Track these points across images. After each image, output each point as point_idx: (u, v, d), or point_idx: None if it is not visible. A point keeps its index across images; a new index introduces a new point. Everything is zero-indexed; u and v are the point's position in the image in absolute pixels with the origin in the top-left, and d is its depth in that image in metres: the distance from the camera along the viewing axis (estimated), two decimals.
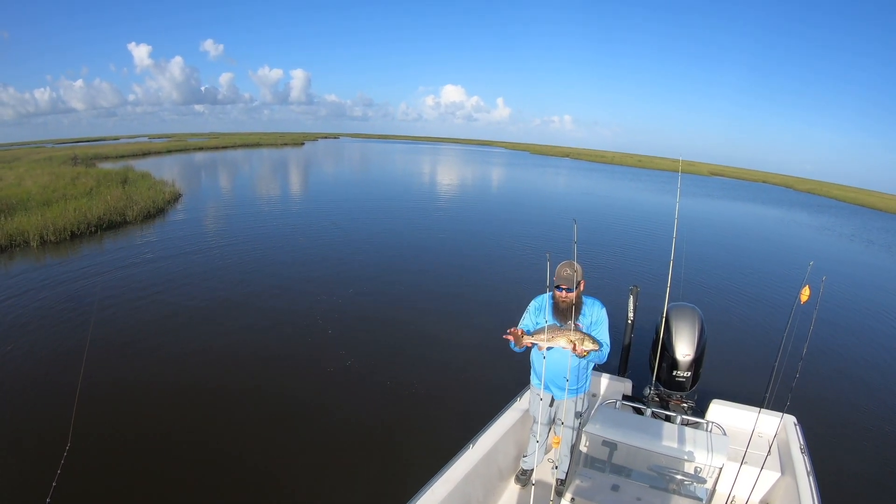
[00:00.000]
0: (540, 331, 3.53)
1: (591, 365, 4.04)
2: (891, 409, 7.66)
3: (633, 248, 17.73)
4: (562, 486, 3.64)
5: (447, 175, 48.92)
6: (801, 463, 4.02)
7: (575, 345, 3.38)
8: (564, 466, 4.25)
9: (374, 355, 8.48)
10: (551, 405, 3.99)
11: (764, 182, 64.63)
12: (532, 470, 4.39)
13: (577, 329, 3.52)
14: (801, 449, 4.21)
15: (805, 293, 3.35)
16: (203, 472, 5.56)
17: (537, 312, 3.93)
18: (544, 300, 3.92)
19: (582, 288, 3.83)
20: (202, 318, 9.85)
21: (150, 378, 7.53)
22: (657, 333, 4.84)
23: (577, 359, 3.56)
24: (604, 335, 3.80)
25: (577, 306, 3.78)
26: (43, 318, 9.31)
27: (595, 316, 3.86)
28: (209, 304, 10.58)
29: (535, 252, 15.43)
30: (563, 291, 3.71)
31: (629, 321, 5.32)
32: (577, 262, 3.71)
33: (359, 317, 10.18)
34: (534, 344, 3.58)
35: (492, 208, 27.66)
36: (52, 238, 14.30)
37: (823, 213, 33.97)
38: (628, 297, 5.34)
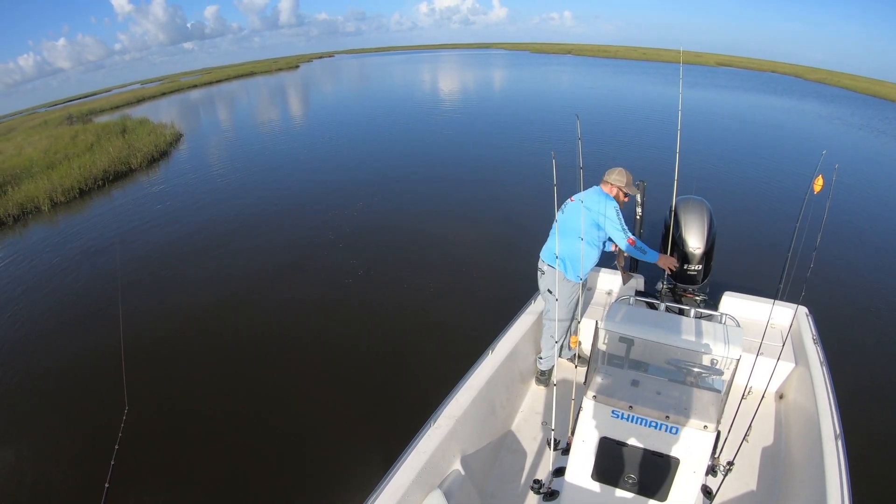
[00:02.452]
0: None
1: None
2: None
3: (638, 143, 17.21)
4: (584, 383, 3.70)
5: (446, 82, 47.50)
6: (814, 353, 4.02)
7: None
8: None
9: (386, 265, 8.76)
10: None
11: (773, 72, 61.08)
12: (551, 369, 4.46)
13: None
14: (814, 340, 4.19)
15: (818, 182, 3.22)
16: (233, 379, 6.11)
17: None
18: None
19: None
20: (218, 244, 10.24)
21: (181, 304, 8.03)
22: (666, 228, 4.76)
23: (586, 244, 3.96)
24: None
25: None
26: (69, 274, 9.63)
27: None
28: (223, 231, 10.97)
29: (540, 151, 15.27)
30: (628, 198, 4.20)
31: (638, 216, 5.20)
32: (581, 157, 3.76)
33: (369, 228, 10.43)
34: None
35: (494, 111, 26.96)
36: (62, 199, 14.35)
37: (834, 103, 31.87)
38: (636, 193, 5.21)
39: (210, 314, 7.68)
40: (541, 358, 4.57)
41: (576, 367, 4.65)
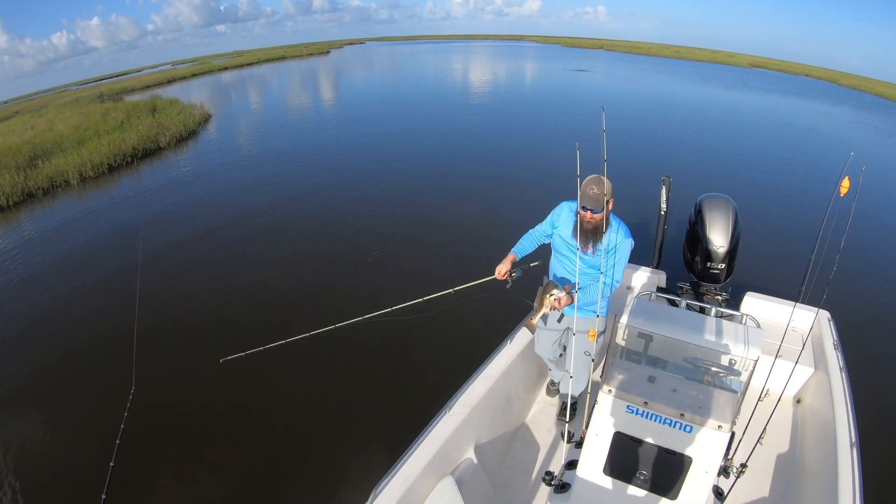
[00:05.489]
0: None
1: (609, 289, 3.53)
2: None
3: (665, 138, 17.06)
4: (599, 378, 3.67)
5: (476, 73, 47.32)
6: (833, 359, 3.95)
7: (560, 301, 3.16)
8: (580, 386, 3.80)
9: (404, 251, 8.82)
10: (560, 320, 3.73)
11: (807, 76, 59.41)
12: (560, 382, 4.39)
13: (567, 291, 3.21)
14: (834, 345, 4.11)
15: (845, 185, 3.13)
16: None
17: (555, 225, 3.59)
18: (566, 212, 3.54)
19: (611, 206, 3.29)
20: (238, 227, 10.34)
21: (197, 288, 8.12)
22: (690, 224, 4.68)
23: (588, 279, 3.40)
24: (618, 268, 3.33)
25: (599, 227, 3.30)
26: (94, 246, 9.94)
27: (617, 243, 3.31)
28: (244, 213, 11.07)
29: (564, 143, 15.03)
30: (590, 212, 3.25)
31: (662, 212, 5.13)
32: (605, 150, 3.24)
33: (389, 212, 10.56)
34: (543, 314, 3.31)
35: (522, 102, 26.87)
36: (91, 174, 14.72)
37: (867, 110, 30.99)
38: (661, 188, 5.12)
39: (225, 298, 7.75)
40: (551, 370, 4.34)
41: (592, 360, 4.62)
